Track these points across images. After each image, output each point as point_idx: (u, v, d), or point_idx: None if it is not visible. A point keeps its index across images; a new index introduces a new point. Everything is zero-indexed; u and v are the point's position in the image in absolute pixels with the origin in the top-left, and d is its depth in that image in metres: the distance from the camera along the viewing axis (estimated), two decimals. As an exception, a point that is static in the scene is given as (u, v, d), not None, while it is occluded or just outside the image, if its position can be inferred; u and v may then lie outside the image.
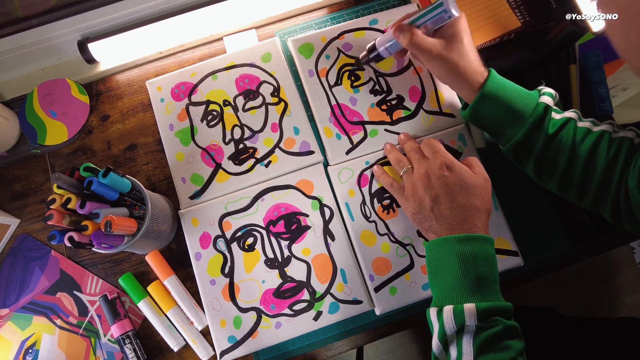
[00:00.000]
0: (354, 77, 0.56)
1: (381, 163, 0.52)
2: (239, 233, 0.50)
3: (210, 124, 0.54)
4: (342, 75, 0.56)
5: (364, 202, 0.51)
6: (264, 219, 0.51)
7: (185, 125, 0.54)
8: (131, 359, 0.48)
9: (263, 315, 0.48)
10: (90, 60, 0.56)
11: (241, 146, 0.53)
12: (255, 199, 0.51)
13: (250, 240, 0.50)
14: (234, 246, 0.50)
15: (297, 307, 0.48)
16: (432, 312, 0.39)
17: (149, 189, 0.50)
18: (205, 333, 0.50)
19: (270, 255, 0.50)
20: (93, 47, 0.55)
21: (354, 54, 0.56)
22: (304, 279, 0.49)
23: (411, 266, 0.49)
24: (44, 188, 0.55)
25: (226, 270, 0.49)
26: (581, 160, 0.43)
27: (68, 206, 0.39)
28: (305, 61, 0.56)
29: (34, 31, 0.54)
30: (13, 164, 0.56)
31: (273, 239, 0.50)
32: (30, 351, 0.50)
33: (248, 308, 0.48)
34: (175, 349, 0.49)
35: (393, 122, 0.54)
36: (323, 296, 0.48)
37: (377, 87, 0.55)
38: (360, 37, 0.57)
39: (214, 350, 0.48)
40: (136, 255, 0.52)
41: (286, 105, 0.55)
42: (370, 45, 0.51)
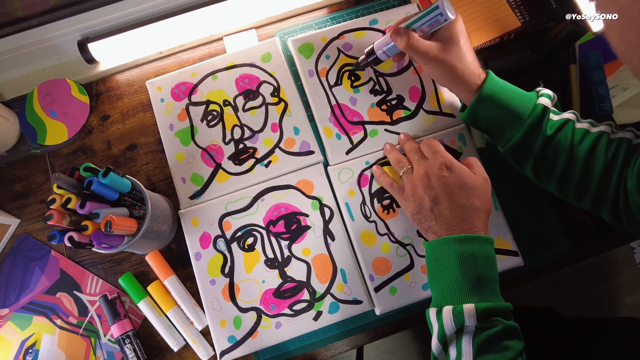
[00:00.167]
0: (354, 77, 0.56)
1: (381, 163, 0.52)
2: (239, 233, 0.50)
3: (210, 124, 0.54)
4: (342, 75, 0.56)
5: (364, 202, 0.51)
6: (264, 219, 0.51)
7: (185, 125, 0.54)
8: (131, 359, 0.48)
9: (263, 315, 0.48)
10: (90, 60, 0.56)
11: (241, 146, 0.53)
12: (255, 199, 0.51)
13: (250, 240, 0.50)
14: (234, 246, 0.50)
15: (297, 307, 0.48)
16: (432, 313, 0.39)
17: (149, 189, 0.50)
18: (205, 333, 0.50)
19: (270, 255, 0.50)
20: (93, 47, 0.55)
21: (354, 54, 0.56)
22: (304, 279, 0.49)
23: (411, 266, 0.49)
24: (44, 188, 0.55)
25: (226, 270, 0.49)
26: (580, 161, 0.43)
27: (68, 206, 0.39)
28: (305, 61, 0.56)
29: (34, 31, 0.55)
30: (13, 164, 0.56)
31: (273, 239, 0.50)
32: (30, 351, 0.50)
33: (248, 308, 0.48)
34: (175, 349, 0.49)
35: (393, 122, 0.54)
36: (323, 296, 0.48)
37: (377, 87, 0.55)
38: (360, 37, 0.57)
39: (214, 350, 0.48)
40: (136, 255, 0.53)
41: (286, 105, 0.55)
42: (368, 49, 0.51)
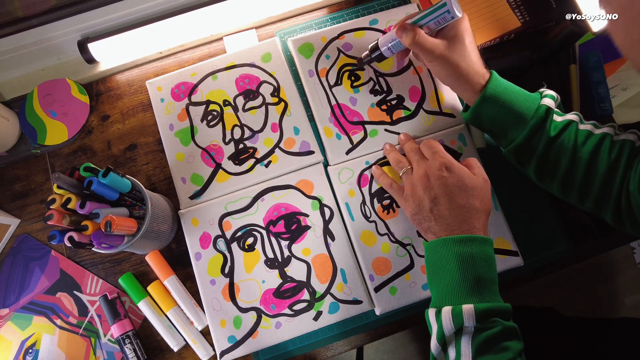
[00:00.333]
0: (354, 77, 0.55)
1: (380, 163, 0.52)
2: (239, 233, 0.50)
3: (210, 124, 0.54)
4: (342, 75, 0.56)
5: (364, 202, 0.51)
6: (264, 219, 0.51)
7: (185, 125, 0.54)
8: (131, 359, 0.48)
9: (263, 315, 0.48)
10: (90, 60, 0.56)
11: (241, 146, 0.53)
12: (255, 199, 0.51)
13: (250, 240, 0.50)
14: (234, 246, 0.50)
15: (297, 307, 0.48)
16: (431, 313, 0.39)
17: (149, 189, 0.50)
18: (205, 333, 0.50)
19: (270, 255, 0.50)
20: (93, 47, 0.55)
21: (354, 54, 0.56)
22: (304, 279, 0.49)
23: (411, 266, 0.49)
24: (44, 188, 0.55)
25: (226, 270, 0.49)
26: (583, 162, 0.42)
27: (68, 206, 0.39)
28: (305, 61, 0.56)
29: (34, 31, 0.54)
30: (13, 164, 0.56)
31: (273, 239, 0.50)
32: (30, 351, 0.50)
33: (248, 308, 0.48)
34: (175, 349, 0.49)
35: (393, 122, 0.54)
36: (323, 296, 0.48)
37: (377, 87, 0.55)
38: (360, 37, 0.57)
39: (214, 350, 0.48)
40: (136, 255, 0.53)
41: (286, 105, 0.55)
42: (372, 44, 0.51)
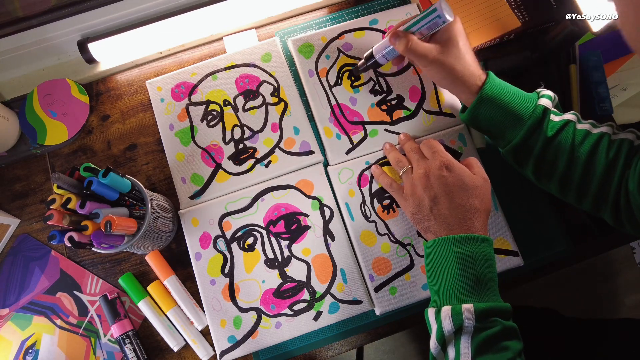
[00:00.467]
0: (354, 77, 0.55)
1: (380, 163, 0.52)
2: (239, 233, 0.50)
3: (210, 124, 0.54)
4: (342, 75, 0.56)
5: (364, 202, 0.51)
6: (264, 219, 0.51)
7: (185, 125, 0.54)
8: (131, 359, 0.48)
9: (263, 315, 0.48)
10: (90, 60, 0.56)
11: (241, 146, 0.53)
12: (255, 199, 0.51)
13: (250, 240, 0.50)
14: (234, 246, 0.50)
15: (297, 307, 0.48)
16: (430, 313, 0.39)
17: (149, 189, 0.50)
18: (205, 333, 0.50)
19: (270, 255, 0.50)
20: (93, 47, 0.55)
21: (354, 54, 0.56)
22: (304, 279, 0.49)
23: (411, 266, 0.49)
24: (44, 188, 0.55)
25: (226, 270, 0.49)
26: (580, 162, 0.42)
27: (68, 206, 0.39)
28: (305, 61, 0.56)
29: (34, 31, 0.55)
30: (13, 164, 0.56)
31: (273, 239, 0.50)
32: (30, 351, 0.50)
33: (248, 308, 0.48)
34: (175, 349, 0.49)
35: (393, 122, 0.54)
36: (323, 296, 0.48)
37: (377, 87, 0.55)
38: (360, 37, 0.57)
39: (214, 350, 0.48)
40: (136, 255, 0.53)
41: (286, 105, 0.55)
42: (367, 53, 0.51)
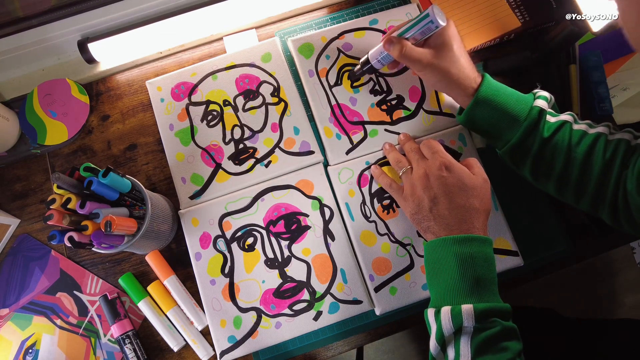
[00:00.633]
0: (354, 77, 0.55)
1: (380, 163, 0.52)
2: (239, 233, 0.50)
3: (210, 124, 0.54)
4: (342, 75, 0.56)
5: (364, 202, 0.51)
6: (264, 219, 0.51)
7: (185, 125, 0.54)
8: (131, 359, 0.48)
9: (263, 315, 0.48)
10: (90, 60, 0.56)
11: (241, 146, 0.53)
12: (255, 199, 0.51)
13: (250, 240, 0.50)
14: (234, 246, 0.50)
15: (297, 307, 0.48)
16: (430, 313, 0.39)
17: (149, 189, 0.50)
18: (205, 333, 0.50)
19: (270, 255, 0.50)
20: (93, 47, 0.55)
21: (354, 54, 0.56)
22: (304, 279, 0.49)
23: (411, 266, 0.49)
24: (44, 188, 0.55)
25: (226, 270, 0.49)
26: (577, 162, 0.43)
27: (68, 206, 0.39)
28: (305, 61, 0.56)
29: (34, 31, 0.55)
30: (13, 164, 0.56)
31: (273, 239, 0.50)
32: (30, 351, 0.50)
33: (248, 308, 0.48)
34: (175, 349, 0.49)
35: (393, 122, 0.54)
36: (323, 296, 0.48)
37: (377, 87, 0.55)
38: (360, 37, 0.57)
39: (214, 350, 0.48)
40: (136, 255, 0.53)
41: (286, 105, 0.55)
42: (363, 59, 0.52)
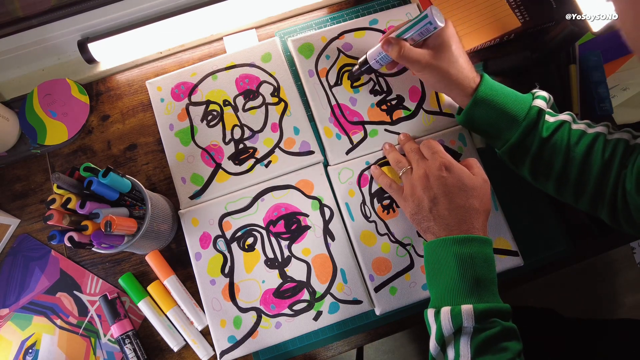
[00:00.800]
0: (354, 78, 0.55)
1: (380, 163, 0.52)
2: (239, 233, 0.50)
3: (210, 124, 0.54)
4: (342, 75, 0.56)
5: (364, 202, 0.51)
6: (264, 219, 0.51)
7: (185, 125, 0.54)
8: (131, 359, 0.48)
9: (263, 315, 0.48)
10: (90, 60, 0.56)
11: (241, 146, 0.53)
12: (255, 199, 0.51)
13: (250, 240, 0.50)
14: (234, 246, 0.50)
15: (297, 307, 0.48)
16: (430, 313, 0.39)
17: (149, 189, 0.50)
18: (205, 333, 0.50)
19: (270, 255, 0.50)
20: (93, 47, 0.55)
21: (354, 54, 0.56)
22: (304, 279, 0.49)
23: (411, 266, 0.49)
24: (44, 188, 0.55)
25: (226, 270, 0.49)
26: (576, 162, 0.43)
27: (68, 206, 0.39)
28: (305, 61, 0.56)
29: (34, 31, 0.54)
30: (13, 164, 0.56)
31: (273, 239, 0.50)
32: (30, 351, 0.50)
33: (248, 308, 0.48)
34: (175, 349, 0.49)
35: (393, 122, 0.54)
36: (323, 296, 0.48)
37: (377, 87, 0.55)
38: (360, 37, 0.57)
39: (214, 350, 0.48)
40: (136, 255, 0.53)
41: (286, 105, 0.55)
42: (361, 59, 0.52)
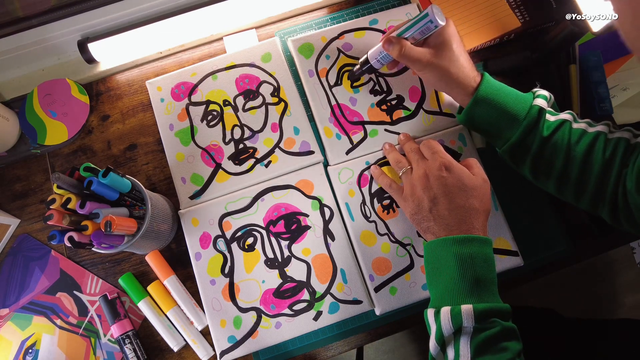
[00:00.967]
0: (354, 78, 0.55)
1: (380, 163, 0.52)
2: (239, 233, 0.50)
3: (210, 124, 0.54)
4: (342, 75, 0.56)
5: (364, 202, 0.51)
6: (264, 219, 0.51)
7: (185, 125, 0.54)
8: (131, 359, 0.48)
9: (263, 315, 0.48)
10: (90, 60, 0.56)
11: (241, 146, 0.53)
12: (255, 199, 0.51)
13: (250, 240, 0.50)
14: (234, 246, 0.50)
15: (297, 307, 0.48)
16: (430, 313, 0.39)
17: (149, 189, 0.50)
18: (205, 333, 0.50)
19: (270, 255, 0.50)
20: (93, 47, 0.55)
21: (354, 54, 0.56)
22: (304, 279, 0.49)
23: (411, 266, 0.49)
24: (44, 188, 0.55)
25: (226, 270, 0.49)
26: (577, 161, 0.43)
27: (68, 206, 0.39)
28: (305, 61, 0.56)
29: (34, 31, 0.54)
30: (13, 164, 0.56)
31: (273, 239, 0.50)
32: (30, 351, 0.50)
33: (248, 308, 0.48)
34: (175, 349, 0.49)
35: (393, 122, 0.54)
36: (323, 296, 0.48)
37: (377, 87, 0.55)
38: (360, 37, 0.57)
39: (214, 350, 0.48)
40: (136, 255, 0.53)
41: (286, 105, 0.55)
42: (362, 58, 0.52)
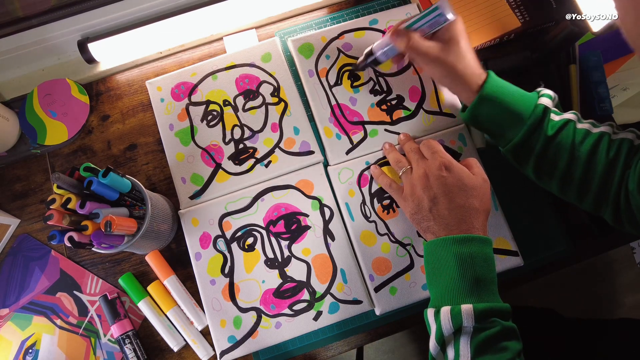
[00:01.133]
0: (354, 77, 0.55)
1: (380, 163, 0.52)
2: (239, 233, 0.50)
3: (210, 124, 0.54)
4: (342, 75, 0.56)
5: (364, 202, 0.51)
6: (264, 219, 0.51)
7: (185, 125, 0.54)
8: (131, 359, 0.48)
9: (263, 315, 0.48)
10: (90, 60, 0.56)
11: (241, 146, 0.53)
12: (255, 199, 0.51)
13: (250, 240, 0.50)
14: (234, 246, 0.50)
15: (297, 307, 0.48)
16: (430, 313, 0.39)
17: (149, 189, 0.50)
18: (205, 333, 0.50)
19: (270, 255, 0.50)
20: (93, 47, 0.55)
21: (354, 54, 0.56)
22: (304, 279, 0.49)
23: (411, 266, 0.49)
24: (44, 188, 0.55)
25: (226, 270, 0.49)
26: (581, 161, 0.42)
27: (68, 206, 0.39)
28: (305, 61, 0.56)
29: (34, 31, 0.55)
30: (13, 164, 0.56)
31: (273, 239, 0.50)
32: (30, 351, 0.50)
33: (248, 308, 0.48)
34: (175, 349, 0.49)
35: (393, 122, 0.54)
36: (323, 296, 0.48)
37: (377, 87, 0.55)
38: (360, 37, 0.57)
39: (214, 350, 0.48)
40: (136, 255, 0.53)
41: (286, 105, 0.55)
42: (367, 50, 0.51)
